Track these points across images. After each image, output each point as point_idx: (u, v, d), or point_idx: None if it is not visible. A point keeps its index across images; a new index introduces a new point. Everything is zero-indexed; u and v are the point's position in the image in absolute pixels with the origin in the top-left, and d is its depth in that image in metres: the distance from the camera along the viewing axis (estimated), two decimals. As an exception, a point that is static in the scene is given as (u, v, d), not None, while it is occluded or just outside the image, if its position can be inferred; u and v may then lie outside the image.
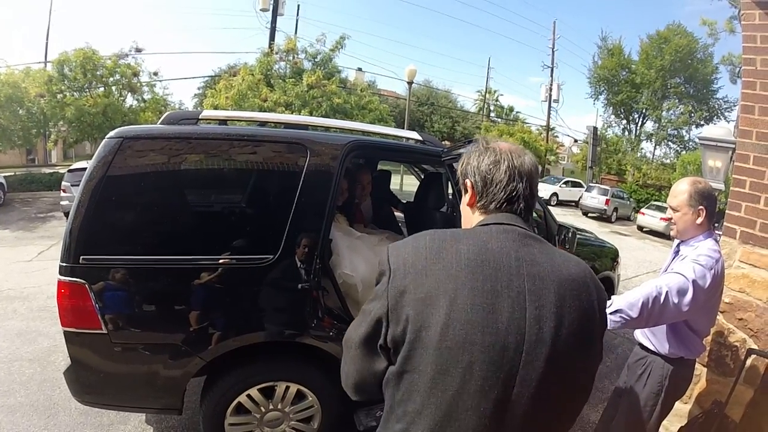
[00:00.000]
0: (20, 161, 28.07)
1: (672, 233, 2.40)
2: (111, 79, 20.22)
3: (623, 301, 2.11)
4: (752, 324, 2.68)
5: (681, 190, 2.29)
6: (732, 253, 2.79)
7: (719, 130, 5.54)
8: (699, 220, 2.25)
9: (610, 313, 2.11)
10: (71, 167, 13.94)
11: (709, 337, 2.82)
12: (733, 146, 3.05)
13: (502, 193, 1.18)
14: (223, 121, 3.42)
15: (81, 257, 2.45)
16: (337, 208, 3.76)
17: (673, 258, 2.43)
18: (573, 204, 26.67)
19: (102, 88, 20.09)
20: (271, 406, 2.87)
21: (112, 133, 2.63)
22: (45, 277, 7.24)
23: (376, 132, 4.00)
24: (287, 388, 2.86)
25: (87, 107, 18.66)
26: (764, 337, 2.62)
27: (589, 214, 23.70)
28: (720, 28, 28.51)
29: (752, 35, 2.68)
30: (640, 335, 2.52)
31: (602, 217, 23.27)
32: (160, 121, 2.95)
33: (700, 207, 2.24)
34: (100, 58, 19.68)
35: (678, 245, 2.42)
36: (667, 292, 2.07)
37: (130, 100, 21.63)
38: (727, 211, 2.81)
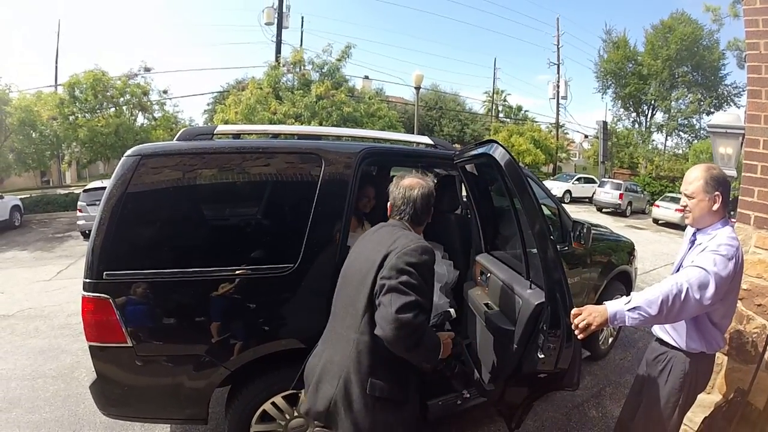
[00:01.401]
0: (34, 183, 28.49)
1: (687, 221, 2.37)
2: (121, 99, 20.56)
3: (642, 299, 2.08)
4: (771, 310, 2.67)
5: (696, 176, 2.25)
6: (747, 239, 2.77)
7: (728, 116, 5.51)
8: (715, 207, 2.22)
9: (628, 310, 2.08)
10: (86, 187, 14.13)
11: (731, 325, 2.80)
12: (743, 132, 3.03)
13: (399, 210, 2.17)
14: (237, 135, 3.46)
15: (104, 273, 2.51)
16: (365, 215, 3.82)
17: (690, 247, 2.39)
18: (587, 200, 26.49)
19: (113, 109, 20.41)
20: (295, 413, 2.90)
21: (129, 152, 2.68)
22: (65, 296, 7.38)
23: (388, 139, 4.03)
24: None
25: (99, 128, 18.97)
26: (784, 323, 2.60)
27: (604, 210, 23.53)
28: (724, 13, 28.29)
29: (754, 19, 2.67)
30: (659, 330, 2.49)
31: (617, 211, 23.08)
32: (176, 137, 2.98)
33: (716, 193, 2.21)
34: (109, 79, 20.03)
35: (694, 234, 2.38)
36: (688, 288, 2.03)
37: (141, 119, 22.03)
38: (740, 197, 2.80)
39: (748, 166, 2.75)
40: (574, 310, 2.17)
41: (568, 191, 26.55)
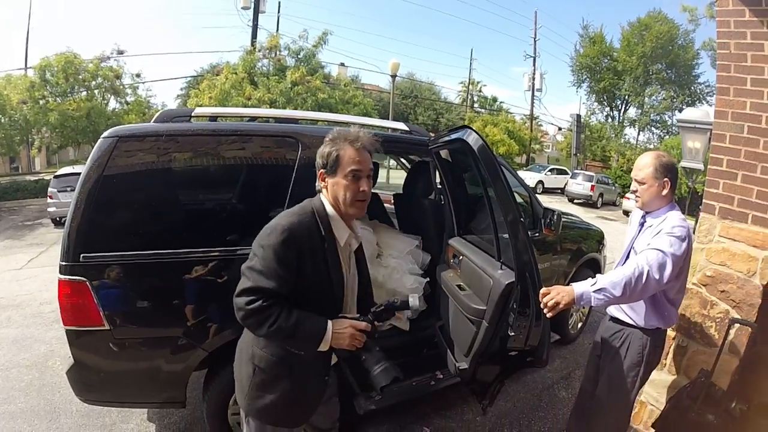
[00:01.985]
0: (3, 170, 27.70)
1: (637, 205, 2.52)
2: (93, 82, 20.05)
3: (607, 281, 2.20)
4: (734, 295, 2.78)
5: (645, 163, 2.41)
6: (712, 228, 2.89)
7: (697, 112, 5.64)
8: (664, 192, 2.39)
9: (594, 291, 2.20)
10: (57, 173, 13.83)
11: (695, 310, 2.94)
12: (711, 127, 3.15)
13: None
14: (214, 118, 3.46)
15: (81, 255, 2.50)
16: None
17: (640, 230, 2.54)
18: (559, 191, 26.87)
19: (85, 92, 19.90)
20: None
21: (106, 133, 2.67)
22: (37, 284, 7.25)
23: (364, 124, 4.06)
24: None
25: (70, 112, 18.50)
26: (746, 308, 2.72)
27: (575, 201, 23.91)
28: (700, 14, 28.85)
29: (726, 20, 2.78)
30: (615, 310, 2.63)
31: (588, 203, 23.50)
32: (153, 119, 3.00)
33: (665, 179, 2.38)
34: (81, 62, 19.49)
35: (643, 216, 2.53)
36: (648, 270, 2.17)
37: (113, 103, 21.51)
38: (705, 189, 2.92)
39: (714, 159, 2.87)
40: (542, 290, 2.26)
41: (541, 182, 26.91)
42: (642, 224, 2.53)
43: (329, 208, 1.90)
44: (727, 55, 2.79)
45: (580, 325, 5.24)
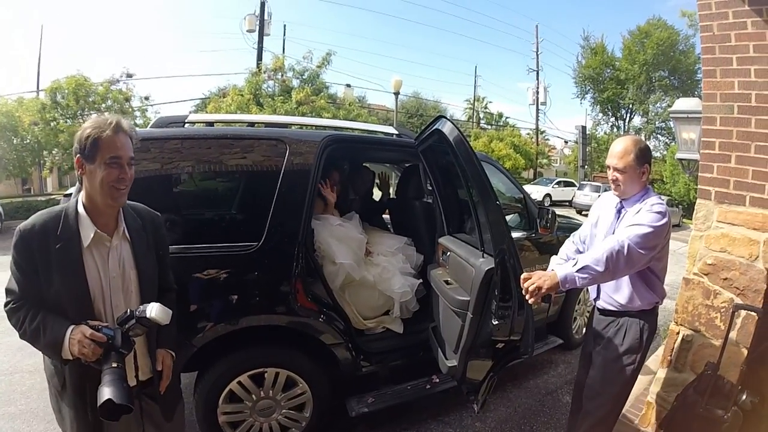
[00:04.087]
0: (16, 191, 28.01)
1: (617, 194, 2.46)
2: (103, 105, 20.27)
3: (589, 258, 2.16)
4: (737, 282, 2.69)
5: (626, 150, 2.34)
6: (709, 214, 2.82)
7: (690, 102, 5.53)
8: (644, 178, 2.38)
9: (577, 271, 2.15)
10: (67, 192, 13.90)
11: (698, 301, 2.84)
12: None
13: None
14: (209, 124, 3.55)
15: None
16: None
17: (618, 217, 2.48)
18: (567, 204, 26.73)
19: (95, 114, 20.10)
20: (262, 394, 2.91)
21: None
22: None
23: (355, 128, 4.11)
24: (277, 374, 2.91)
25: (80, 133, 18.71)
26: (751, 294, 2.61)
27: (583, 212, 23.73)
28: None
29: (707, 2, 2.76)
30: (604, 303, 2.55)
31: (597, 213, 23.31)
32: (150, 125, 3.17)
33: (645, 164, 2.36)
34: (91, 85, 19.72)
35: (620, 206, 2.48)
36: (628, 243, 2.14)
37: (122, 125, 21.70)
38: (699, 174, 2.85)
39: (705, 143, 2.82)
40: (523, 275, 2.22)
41: (548, 195, 27.01)
42: (619, 211, 2.49)
43: (81, 204, 1.76)
44: (710, 37, 2.76)
45: (585, 329, 5.12)
